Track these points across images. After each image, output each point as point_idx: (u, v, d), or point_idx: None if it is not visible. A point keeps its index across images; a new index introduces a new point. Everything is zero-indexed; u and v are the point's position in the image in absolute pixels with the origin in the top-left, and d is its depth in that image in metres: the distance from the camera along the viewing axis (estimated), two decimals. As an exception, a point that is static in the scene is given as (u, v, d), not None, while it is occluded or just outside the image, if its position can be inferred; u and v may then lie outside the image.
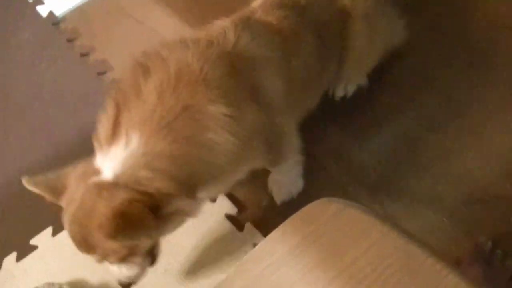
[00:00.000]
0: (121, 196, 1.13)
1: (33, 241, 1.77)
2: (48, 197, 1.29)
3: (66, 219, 1.23)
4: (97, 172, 1.20)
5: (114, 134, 1.21)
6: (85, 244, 1.21)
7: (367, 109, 1.92)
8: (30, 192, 1.48)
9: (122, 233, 1.13)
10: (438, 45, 2.01)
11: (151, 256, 1.36)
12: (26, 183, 1.29)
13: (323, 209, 0.93)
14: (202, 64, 1.22)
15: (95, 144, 1.26)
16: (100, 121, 1.26)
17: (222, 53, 1.27)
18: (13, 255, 1.76)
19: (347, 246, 0.87)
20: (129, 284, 1.36)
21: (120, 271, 1.32)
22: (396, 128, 1.90)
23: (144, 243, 1.28)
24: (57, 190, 1.28)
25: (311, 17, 1.55)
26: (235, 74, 1.27)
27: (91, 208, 1.16)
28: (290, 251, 0.89)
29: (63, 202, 1.26)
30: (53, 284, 1.60)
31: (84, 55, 2.36)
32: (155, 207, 1.17)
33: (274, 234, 0.93)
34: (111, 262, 1.27)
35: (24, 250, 1.74)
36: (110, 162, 1.19)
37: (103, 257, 1.23)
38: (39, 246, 1.76)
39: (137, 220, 1.13)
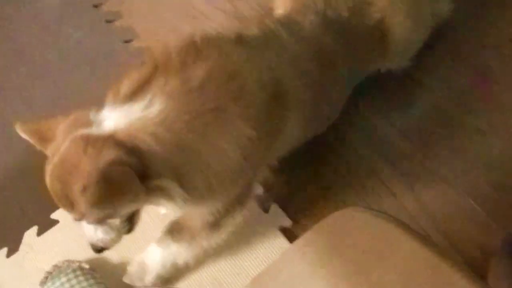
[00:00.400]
0: (108, 155, 1.08)
1: (54, 216, 1.75)
2: (36, 144, 1.24)
3: (47, 170, 1.16)
4: (88, 123, 1.15)
5: (137, 91, 1.16)
6: (64, 200, 1.15)
7: (399, 88, 1.84)
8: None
9: (106, 199, 1.08)
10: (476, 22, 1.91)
11: (130, 222, 1.32)
12: (18, 128, 1.24)
13: (349, 219, 0.87)
14: (254, 80, 1.21)
15: (109, 95, 1.20)
16: (128, 75, 1.21)
17: (273, 77, 1.25)
18: (34, 229, 1.74)
19: (374, 261, 0.82)
20: (102, 249, 1.32)
21: (95, 234, 1.28)
22: (428, 109, 1.83)
23: (126, 208, 1.23)
24: (46, 138, 1.21)
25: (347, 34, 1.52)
26: (272, 105, 1.25)
27: (74, 164, 1.10)
28: (311, 265, 0.84)
29: (48, 152, 1.20)
30: (72, 261, 1.58)
31: (109, 21, 2.29)
32: (143, 175, 1.12)
33: (295, 246, 0.87)
34: (88, 222, 1.23)
35: (45, 224, 1.73)
36: (118, 116, 1.14)
37: (81, 216, 1.17)
38: (60, 221, 1.74)
39: (123, 186, 1.09)
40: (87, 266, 1.56)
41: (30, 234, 1.74)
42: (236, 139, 1.19)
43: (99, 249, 1.33)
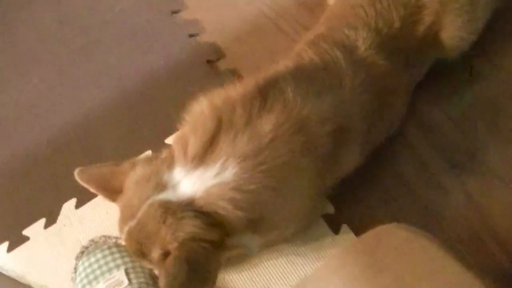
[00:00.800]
0: (188, 227, 1.11)
1: (93, 189, 1.73)
2: (99, 194, 1.29)
3: (122, 229, 1.21)
4: (162, 185, 1.17)
5: (207, 154, 1.17)
6: (140, 256, 1.21)
7: (451, 74, 1.75)
8: (95, 136, 1.42)
9: (191, 278, 1.09)
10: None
11: None
12: (78, 176, 1.27)
13: (390, 236, 0.83)
14: (320, 129, 1.22)
15: (177, 152, 1.20)
16: (193, 129, 1.21)
17: (336, 122, 1.25)
18: (73, 201, 1.73)
19: (414, 283, 0.76)
20: None
21: None
22: (480, 96, 1.74)
23: None
24: (112, 189, 1.26)
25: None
26: (335, 143, 1.26)
27: (153, 231, 1.14)
28: (348, 283, 0.79)
29: (119, 204, 1.24)
30: (109, 237, 1.56)
31: (174, 12, 2.20)
32: (221, 241, 1.15)
33: (331, 262, 0.83)
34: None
35: (84, 197, 1.70)
36: (194, 181, 1.15)
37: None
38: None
39: (206, 264, 1.12)
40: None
41: (69, 206, 1.72)
42: (307, 189, 1.23)
43: None
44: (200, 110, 1.24)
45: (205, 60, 1.99)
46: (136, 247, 1.19)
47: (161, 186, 1.16)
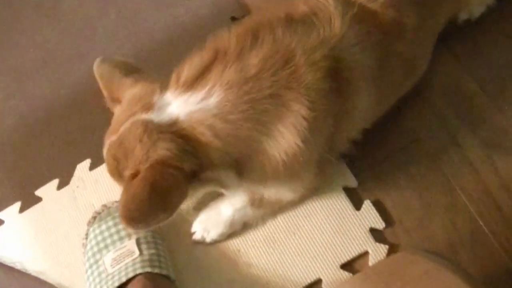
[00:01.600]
0: (161, 149, 1.10)
1: (108, 149, 1.68)
2: (105, 95, 1.28)
3: (105, 143, 1.20)
4: (150, 105, 1.15)
5: (197, 79, 1.16)
6: (116, 176, 1.19)
7: (480, 35, 1.67)
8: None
9: (151, 202, 1.09)
10: None
11: None
12: (96, 65, 1.28)
13: (412, 264, 0.76)
14: (306, 59, 1.18)
15: (172, 78, 1.20)
16: (191, 58, 1.21)
17: (326, 54, 1.20)
18: (87, 162, 1.69)
19: None
20: None
21: None
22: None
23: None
24: (114, 98, 1.26)
25: None
26: (331, 82, 1.20)
27: (129, 148, 1.13)
28: None
29: (112, 116, 1.24)
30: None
31: None
32: (196, 169, 1.14)
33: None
34: None
35: (99, 159, 1.64)
36: (179, 104, 1.14)
37: None
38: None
39: (170, 191, 1.11)
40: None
41: (83, 167, 1.68)
42: (292, 122, 1.16)
43: None
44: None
45: (229, 17, 1.89)
46: (113, 164, 1.17)
47: (148, 106, 1.15)
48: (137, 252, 1.39)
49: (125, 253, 1.39)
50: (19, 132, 1.79)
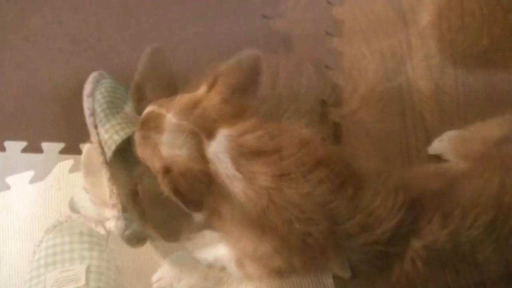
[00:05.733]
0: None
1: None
2: None
3: None
4: None
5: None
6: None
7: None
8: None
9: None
10: None
11: None
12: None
13: None
14: None
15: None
16: None
17: None
18: (69, 162, 1.55)
19: None
20: None
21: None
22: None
23: None
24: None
25: None
26: None
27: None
28: None
29: None
30: (90, 219, 1.37)
31: None
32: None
33: None
34: None
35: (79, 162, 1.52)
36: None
37: None
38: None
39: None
40: (102, 232, 1.35)
41: (63, 167, 1.55)
42: None
43: None
44: None
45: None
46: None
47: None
48: (83, 281, 1.25)
49: (70, 278, 1.25)
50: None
